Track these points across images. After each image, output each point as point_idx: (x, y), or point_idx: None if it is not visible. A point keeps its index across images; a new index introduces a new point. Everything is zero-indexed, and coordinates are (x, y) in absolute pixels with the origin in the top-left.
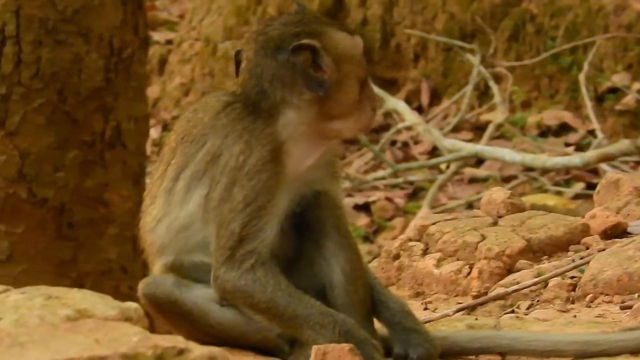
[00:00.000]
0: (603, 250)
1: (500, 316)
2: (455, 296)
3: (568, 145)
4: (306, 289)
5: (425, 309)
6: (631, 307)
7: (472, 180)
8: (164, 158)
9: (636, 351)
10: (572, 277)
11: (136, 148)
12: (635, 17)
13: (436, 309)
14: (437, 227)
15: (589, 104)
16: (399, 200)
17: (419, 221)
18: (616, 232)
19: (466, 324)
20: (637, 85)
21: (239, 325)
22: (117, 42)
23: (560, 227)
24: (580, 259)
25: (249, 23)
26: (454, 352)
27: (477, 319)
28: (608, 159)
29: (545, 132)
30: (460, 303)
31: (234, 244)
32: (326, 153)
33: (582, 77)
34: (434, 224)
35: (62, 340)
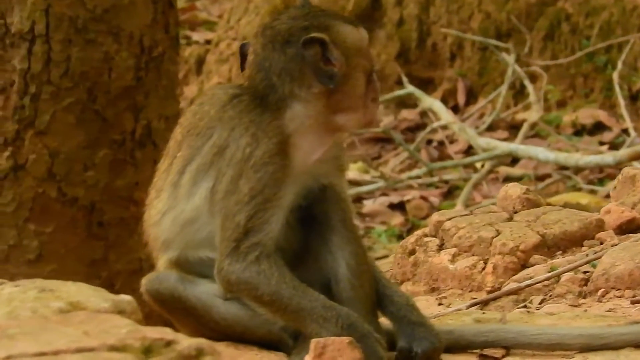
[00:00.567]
0: (617, 245)
1: (512, 311)
2: (470, 291)
3: (602, 144)
4: (312, 283)
5: (440, 304)
6: None
7: (507, 179)
8: (169, 151)
9: None
10: (585, 272)
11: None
12: None
13: (450, 304)
14: (452, 222)
15: (622, 102)
16: (433, 199)
17: (435, 216)
18: (631, 227)
19: (473, 318)
20: None
21: (243, 320)
22: (147, 40)
23: (575, 223)
24: (594, 254)
25: None
26: (460, 346)
27: (484, 312)
28: None
29: (580, 130)
30: (475, 298)
31: (239, 235)
32: (333, 147)
33: (615, 76)
34: (450, 219)
35: (52, 332)
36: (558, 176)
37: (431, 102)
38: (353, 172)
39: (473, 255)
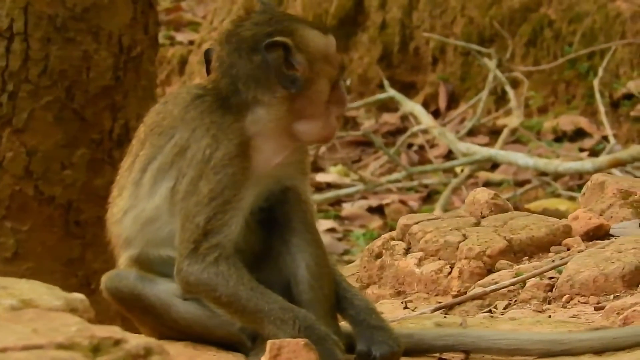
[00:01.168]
0: (583, 251)
1: (475, 315)
2: (436, 295)
3: (582, 150)
4: (272, 284)
5: (405, 307)
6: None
7: (487, 184)
8: (132, 149)
9: (600, 350)
10: (550, 277)
11: None
12: None
13: (416, 308)
14: (419, 226)
15: (602, 109)
16: (413, 203)
17: (402, 220)
18: (598, 234)
19: (434, 322)
20: None
21: (202, 320)
22: (126, 40)
23: (542, 229)
24: (560, 260)
25: None
26: (420, 349)
27: (445, 317)
28: (620, 164)
29: (560, 137)
30: (441, 302)
31: (198, 237)
32: (296, 150)
33: (596, 83)
34: (417, 223)
35: (1, 329)
36: (537, 182)
37: (412, 106)
38: (333, 175)
39: (439, 260)
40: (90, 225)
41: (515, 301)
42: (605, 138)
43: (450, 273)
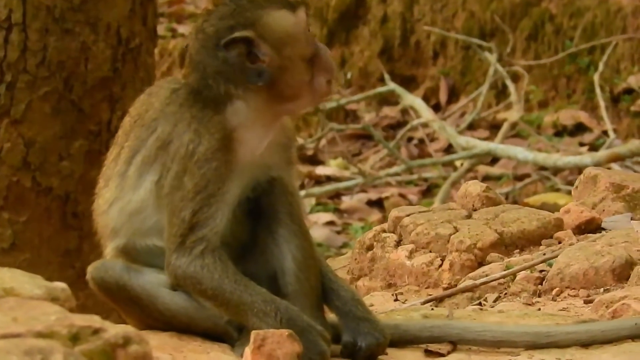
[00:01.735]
0: (574, 245)
1: (465, 308)
2: (426, 288)
3: (582, 145)
4: (259, 275)
5: (396, 300)
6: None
7: (486, 178)
8: (118, 140)
9: (587, 343)
10: (541, 270)
11: None
12: None
13: (406, 300)
14: (411, 218)
15: (602, 104)
16: (412, 197)
17: (394, 212)
18: (590, 228)
19: (421, 314)
20: None
21: (188, 311)
22: (125, 32)
23: (533, 222)
24: (551, 253)
25: None
26: (405, 340)
27: (433, 308)
28: (618, 159)
29: (561, 131)
30: (431, 295)
31: (184, 231)
32: (282, 140)
33: (596, 78)
34: (408, 215)
35: None
36: (537, 176)
37: (412, 99)
38: (332, 168)
39: (430, 252)
40: (88, 217)
41: (506, 294)
42: (605, 133)
43: (441, 266)
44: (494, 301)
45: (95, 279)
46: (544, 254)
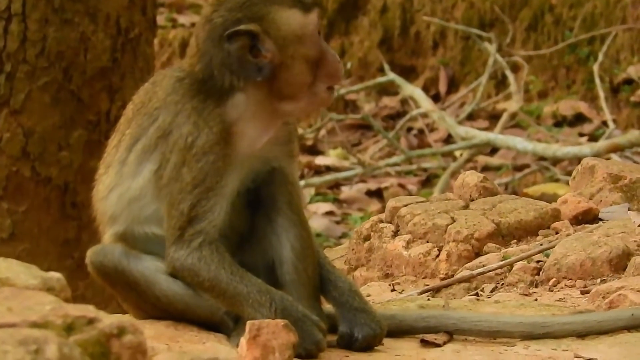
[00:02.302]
0: (571, 235)
1: (462, 298)
2: (423, 278)
3: (582, 135)
4: (257, 265)
5: (393, 290)
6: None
7: (486, 168)
8: (120, 127)
9: (583, 334)
10: (538, 261)
11: None
12: None
13: (403, 291)
14: (408, 209)
15: (602, 94)
16: (411, 187)
17: (391, 202)
18: (587, 218)
19: (417, 304)
20: None
21: (185, 298)
22: (124, 22)
23: (530, 212)
24: (548, 243)
25: None
26: (402, 330)
27: (429, 299)
28: (618, 149)
29: (560, 122)
30: (428, 285)
31: (183, 224)
32: (284, 132)
33: (596, 68)
34: (405, 205)
35: None
36: (536, 167)
37: (412, 89)
38: (332, 158)
39: (427, 242)
40: (87, 207)
41: (503, 284)
42: (605, 123)
43: (438, 256)
44: (491, 291)
45: (94, 263)
46: (541, 245)
